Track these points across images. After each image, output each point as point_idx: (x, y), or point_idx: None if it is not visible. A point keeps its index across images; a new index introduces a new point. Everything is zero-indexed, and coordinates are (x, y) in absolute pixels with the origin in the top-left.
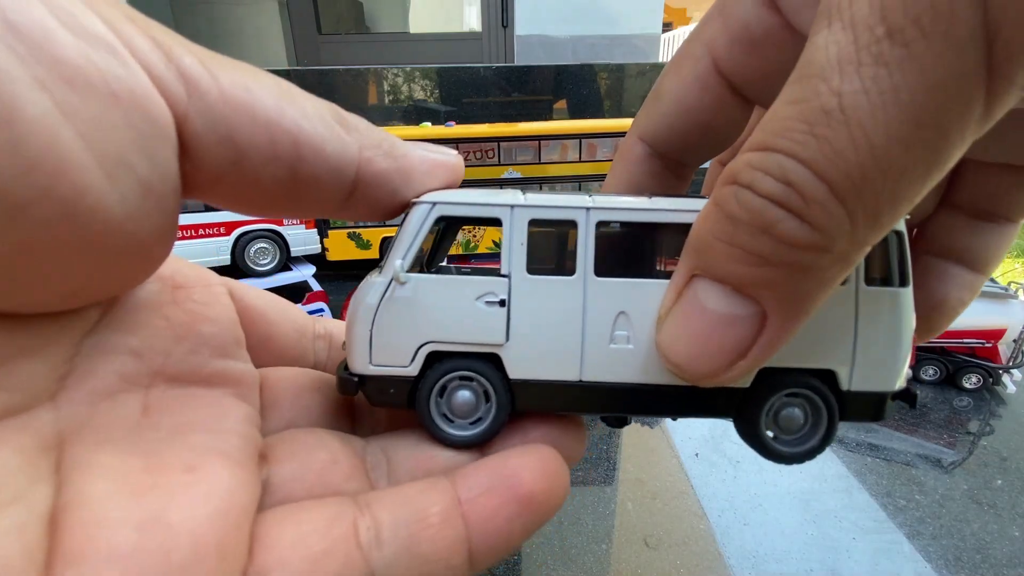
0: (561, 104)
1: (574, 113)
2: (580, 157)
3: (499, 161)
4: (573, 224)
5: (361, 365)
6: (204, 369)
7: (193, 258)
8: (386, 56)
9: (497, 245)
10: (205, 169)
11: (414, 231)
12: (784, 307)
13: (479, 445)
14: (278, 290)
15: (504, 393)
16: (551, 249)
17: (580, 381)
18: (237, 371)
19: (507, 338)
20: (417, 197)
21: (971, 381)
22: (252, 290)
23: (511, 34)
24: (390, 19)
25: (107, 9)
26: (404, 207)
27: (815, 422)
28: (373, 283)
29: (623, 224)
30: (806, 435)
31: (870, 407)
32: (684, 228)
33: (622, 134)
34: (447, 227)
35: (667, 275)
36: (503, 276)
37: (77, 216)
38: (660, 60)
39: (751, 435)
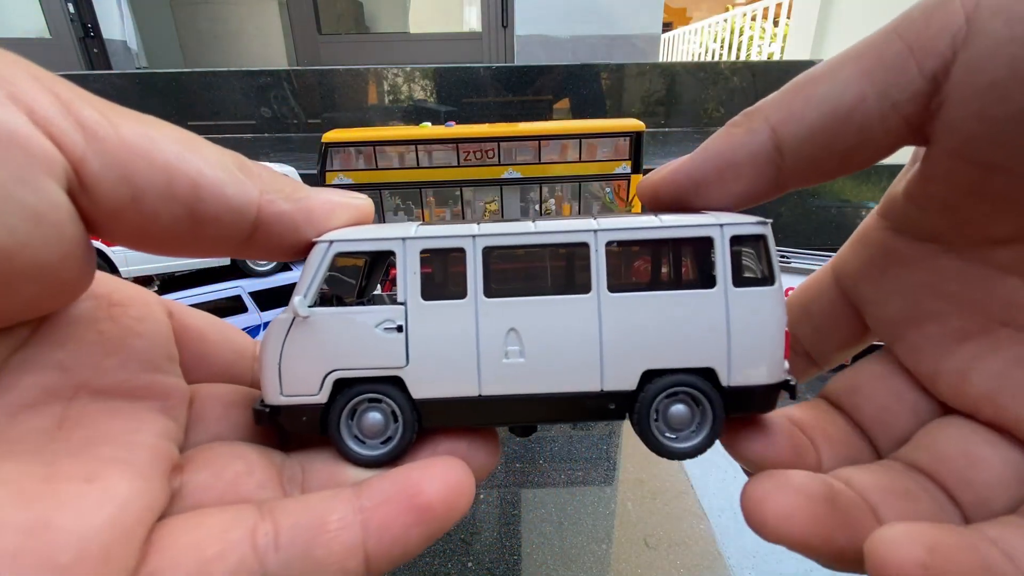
0: (561, 104)
1: (574, 113)
2: (580, 157)
3: (499, 161)
4: (462, 251)
5: (273, 396)
6: (131, 382)
7: (192, 258)
8: (386, 56)
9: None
10: (103, 204)
11: (314, 268)
12: (701, 147)
13: (389, 463)
14: (278, 290)
15: (410, 412)
16: (445, 275)
17: (479, 396)
18: (165, 385)
19: (407, 361)
20: (318, 237)
21: None
22: (194, 312)
23: (511, 34)
24: (390, 19)
25: (9, 69)
26: (308, 248)
27: (702, 418)
28: (279, 319)
29: (509, 248)
30: (695, 431)
31: (754, 400)
32: (565, 247)
33: (622, 134)
34: (373, 261)
35: (555, 290)
36: (400, 304)
37: None
38: (660, 60)
39: (644, 433)
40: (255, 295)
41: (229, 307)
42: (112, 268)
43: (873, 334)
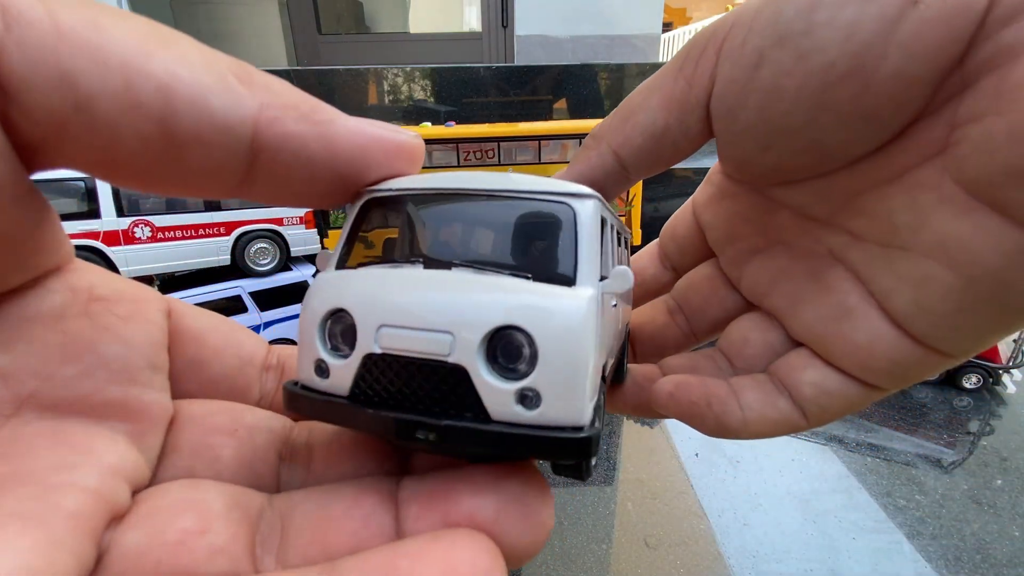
0: (561, 104)
1: (574, 113)
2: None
3: (499, 161)
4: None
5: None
6: (94, 397)
7: (193, 258)
8: (386, 56)
9: None
10: (36, 114)
11: (348, 223)
12: (568, 169)
13: None
14: (278, 290)
15: None
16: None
17: None
18: (139, 402)
19: None
20: (335, 181)
21: (971, 381)
22: (198, 312)
23: (511, 34)
24: (390, 19)
25: None
26: (333, 189)
27: None
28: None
29: None
30: None
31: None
32: None
33: None
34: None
35: None
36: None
37: None
38: (660, 60)
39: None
40: (255, 295)
41: (229, 307)
42: (112, 268)
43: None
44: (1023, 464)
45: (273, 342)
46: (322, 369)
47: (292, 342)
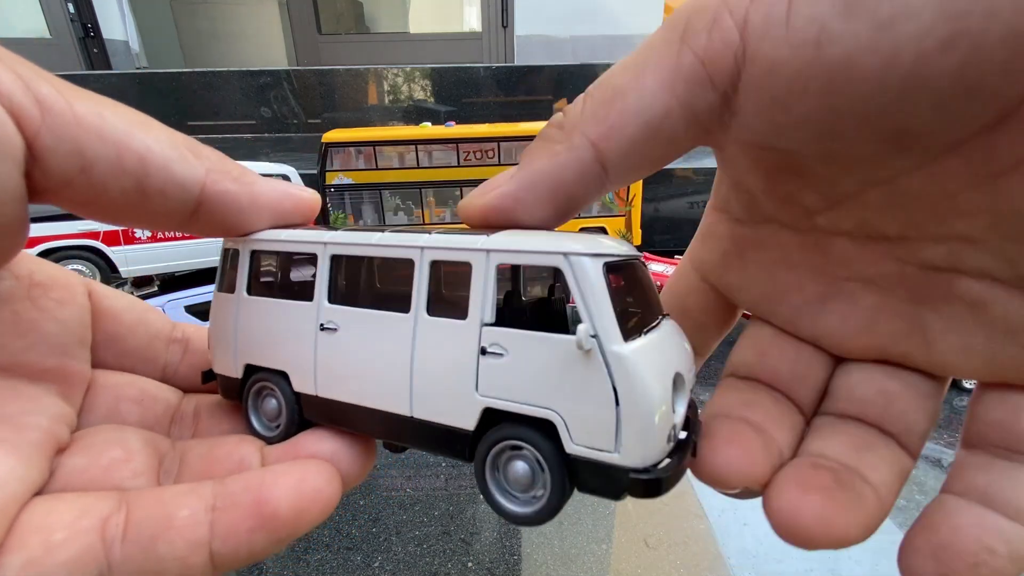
0: (561, 104)
1: None
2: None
3: (499, 161)
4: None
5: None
6: (37, 365)
7: (192, 258)
8: (386, 56)
9: None
10: (54, 174)
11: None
12: (525, 165)
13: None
14: None
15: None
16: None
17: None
18: (68, 370)
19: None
20: (260, 224)
21: (971, 381)
22: (113, 293)
23: (511, 34)
24: (390, 19)
25: None
26: (256, 228)
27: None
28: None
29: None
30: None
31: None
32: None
33: None
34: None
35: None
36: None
37: None
38: None
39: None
40: None
41: None
42: (112, 268)
43: (742, 310)
44: None
45: None
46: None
47: None
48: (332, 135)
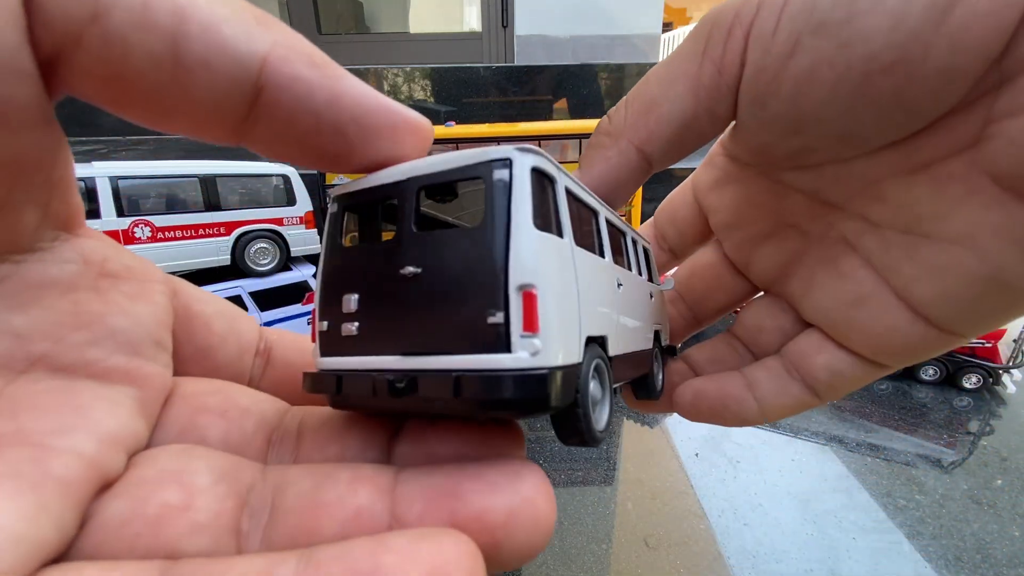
0: (561, 104)
1: (574, 113)
2: (580, 157)
3: None
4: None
5: None
6: (102, 363)
7: (193, 258)
8: (386, 56)
9: None
10: (57, 25)
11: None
12: (585, 171)
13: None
14: (278, 290)
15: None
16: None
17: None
18: (141, 372)
19: None
20: (340, 142)
21: (971, 381)
22: (203, 297)
23: (511, 34)
24: (390, 19)
25: None
26: (333, 148)
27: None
28: None
29: None
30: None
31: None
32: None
33: None
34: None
35: None
36: None
37: None
38: (660, 60)
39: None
40: (255, 295)
41: None
42: None
43: (714, 233)
44: (1023, 464)
45: None
46: None
47: None
48: None
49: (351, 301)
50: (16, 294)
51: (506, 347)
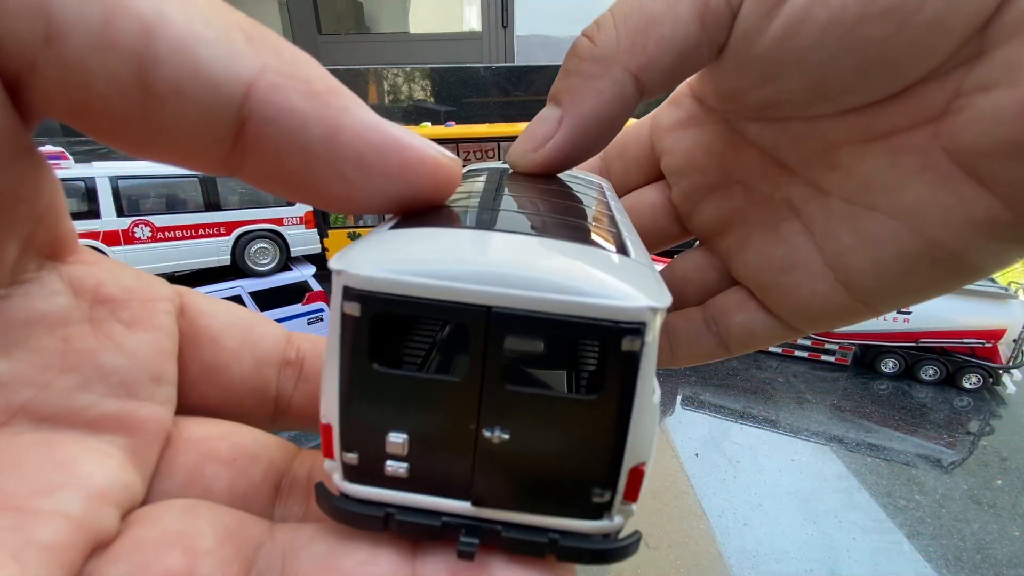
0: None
1: None
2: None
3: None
4: None
5: None
6: (91, 410)
7: (193, 258)
8: (386, 56)
9: None
10: (11, 46)
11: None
12: (571, 109)
13: None
14: (278, 290)
15: None
16: None
17: None
18: (139, 415)
19: None
20: (340, 185)
21: (971, 381)
22: (213, 309)
23: (511, 34)
24: (390, 19)
25: None
26: (334, 189)
27: None
28: None
29: None
30: None
31: None
32: None
33: None
34: None
35: None
36: None
37: None
38: None
39: None
40: (255, 295)
41: None
42: None
43: (661, 176)
44: (1023, 464)
45: None
46: None
47: None
48: None
49: (399, 442)
50: None
51: (605, 515)
